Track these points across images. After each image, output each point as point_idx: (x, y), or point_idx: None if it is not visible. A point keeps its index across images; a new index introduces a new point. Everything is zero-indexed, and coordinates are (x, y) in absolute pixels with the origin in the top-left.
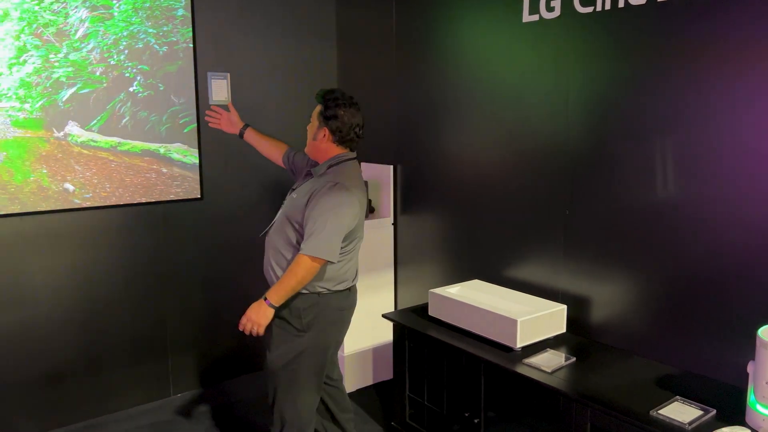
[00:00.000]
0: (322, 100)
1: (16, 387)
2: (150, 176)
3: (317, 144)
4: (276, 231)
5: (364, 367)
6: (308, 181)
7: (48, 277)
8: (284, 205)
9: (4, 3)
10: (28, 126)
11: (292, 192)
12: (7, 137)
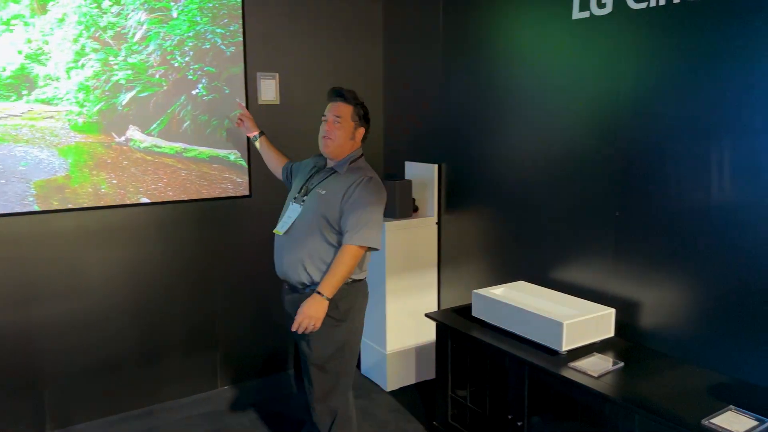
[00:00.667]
0: (354, 101)
1: (76, 374)
2: (203, 176)
3: (352, 143)
4: (305, 229)
5: (406, 365)
6: (330, 178)
7: (105, 270)
8: (310, 204)
9: (63, 8)
10: (88, 130)
11: (312, 189)
12: (69, 143)
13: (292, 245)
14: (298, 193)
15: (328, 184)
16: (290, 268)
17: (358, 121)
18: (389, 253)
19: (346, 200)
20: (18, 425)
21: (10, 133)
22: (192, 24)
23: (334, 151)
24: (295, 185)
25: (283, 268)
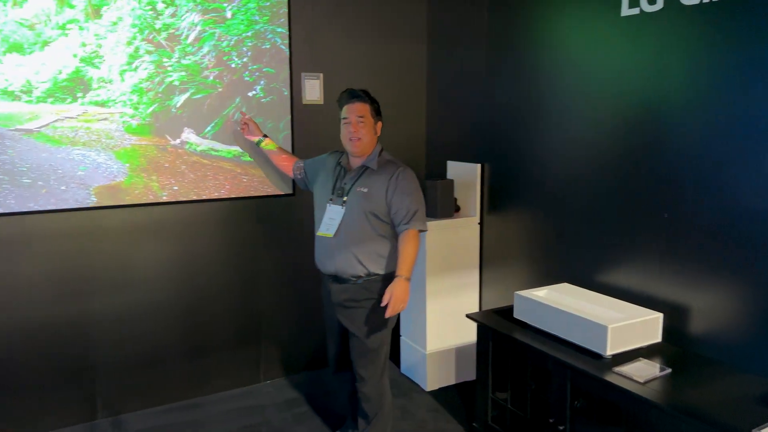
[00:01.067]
0: (369, 99)
1: (125, 365)
2: (254, 177)
3: (375, 137)
4: (355, 227)
5: (446, 366)
6: (365, 175)
7: (154, 265)
8: (353, 203)
9: (117, 11)
10: (142, 132)
11: (348, 190)
12: (125, 145)
13: (343, 244)
14: (333, 194)
15: (367, 182)
16: (345, 265)
17: (376, 116)
18: (430, 252)
19: (391, 193)
20: (72, 411)
21: (67, 135)
22: (250, 23)
23: (363, 149)
24: (323, 186)
25: (335, 265)
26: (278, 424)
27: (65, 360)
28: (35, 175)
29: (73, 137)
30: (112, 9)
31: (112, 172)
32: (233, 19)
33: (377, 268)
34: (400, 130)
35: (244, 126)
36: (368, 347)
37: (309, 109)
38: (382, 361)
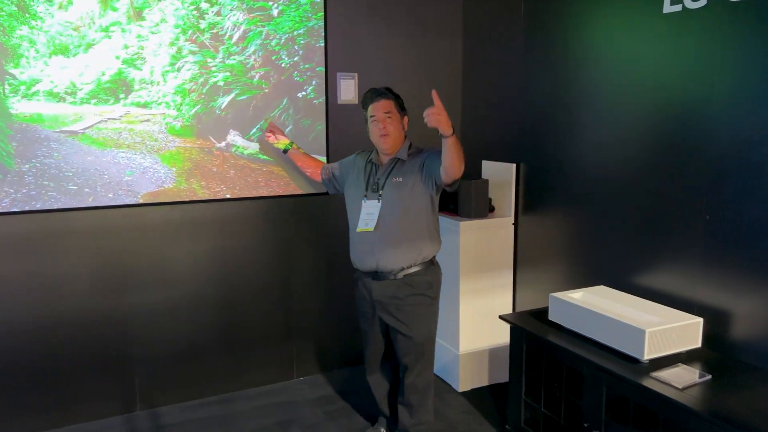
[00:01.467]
0: (393, 95)
1: (163, 359)
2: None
3: (403, 132)
4: (394, 217)
5: (479, 367)
6: (397, 167)
7: (192, 262)
8: (389, 194)
9: (160, 12)
10: (185, 134)
11: (383, 184)
12: (169, 148)
13: (384, 237)
14: (367, 190)
15: (400, 172)
16: (386, 258)
17: (401, 111)
18: (463, 252)
19: (428, 158)
20: (112, 403)
21: (111, 137)
22: (302, 21)
23: (393, 144)
24: (355, 185)
25: (376, 260)
26: (310, 420)
27: (106, 352)
28: (81, 180)
29: (117, 139)
30: (155, 11)
31: (159, 177)
32: (282, 16)
33: (418, 259)
34: (434, 129)
35: (269, 134)
36: (415, 342)
37: (344, 108)
38: (430, 353)
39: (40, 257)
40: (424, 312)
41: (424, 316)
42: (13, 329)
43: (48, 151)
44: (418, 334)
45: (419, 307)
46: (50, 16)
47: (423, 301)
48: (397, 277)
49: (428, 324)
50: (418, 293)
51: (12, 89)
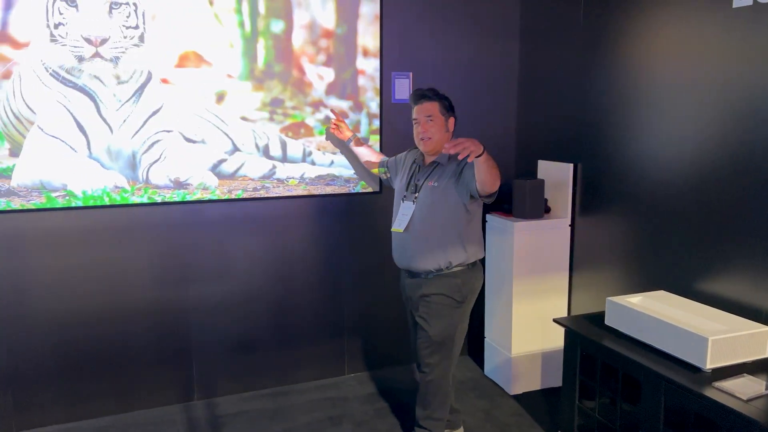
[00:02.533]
0: (438, 97)
1: (220, 350)
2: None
3: (447, 135)
4: (426, 222)
5: (532, 370)
6: (436, 170)
7: (247, 257)
8: (424, 198)
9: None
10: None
11: (420, 186)
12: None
13: (414, 240)
14: (407, 191)
15: (437, 176)
16: (416, 260)
17: (447, 113)
18: (517, 253)
19: (465, 169)
20: (172, 391)
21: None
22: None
23: (434, 147)
24: (399, 183)
25: (407, 261)
26: (360, 417)
27: (167, 342)
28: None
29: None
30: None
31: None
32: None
33: (447, 263)
34: (490, 128)
35: (334, 126)
36: (431, 337)
37: (398, 108)
38: (448, 355)
39: (107, 249)
40: (446, 312)
41: (446, 316)
42: (82, 317)
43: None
44: (436, 331)
45: (443, 307)
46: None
47: (448, 302)
48: (428, 277)
49: (449, 324)
50: (445, 294)
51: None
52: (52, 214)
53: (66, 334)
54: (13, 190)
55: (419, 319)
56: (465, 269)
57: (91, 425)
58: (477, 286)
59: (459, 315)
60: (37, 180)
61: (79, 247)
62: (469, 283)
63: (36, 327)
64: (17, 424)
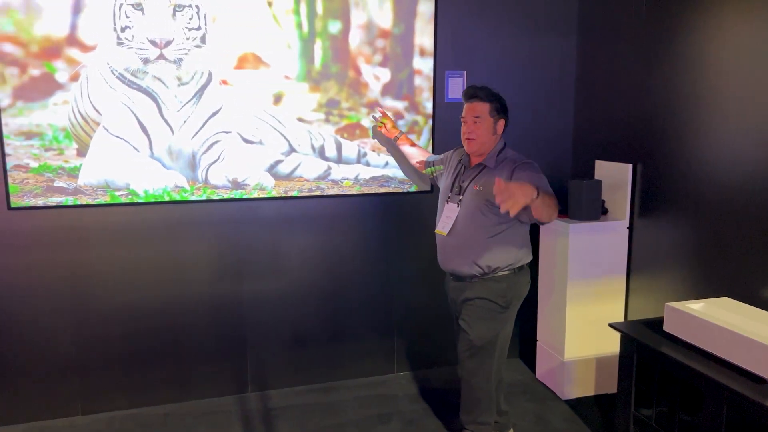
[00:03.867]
0: (489, 98)
1: (273, 345)
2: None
3: (494, 137)
4: (469, 226)
5: (585, 375)
6: (483, 173)
7: (300, 254)
8: (468, 202)
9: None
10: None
11: (465, 187)
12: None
13: (458, 243)
14: (451, 191)
15: (483, 180)
16: (459, 264)
17: (497, 114)
18: (573, 256)
19: (516, 180)
20: (227, 383)
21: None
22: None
23: (478, 149)
24: (444, 183)
25: (451, 264)
26: (409, 415)
27: (222, 335)
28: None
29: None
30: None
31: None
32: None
33: (491, 268)
34: (545, 127)
35: (381, 124)
36: (471, 340)
37: (451, 107)
38: (489, 360)
39: (167, 244)
40: (489, 316)
41: (488, 320)
42: (144, 309)
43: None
44: (477, 335)
45: (485, 311)
46: None
47: (491, 306)
48: (471, 281)
49: (490, 328)
50: (488, 298)
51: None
52: (116, 210)
53: (129, 325)
54: (80, 189)
55: (462, 323)
56: (510, 274)
57: (151, 412)
58: (523, 291)
59: (502, 320)
60: (102, 179)
61: (141, 242)
62: (514, 288)
63: (102, 317)
64: (83, 408)
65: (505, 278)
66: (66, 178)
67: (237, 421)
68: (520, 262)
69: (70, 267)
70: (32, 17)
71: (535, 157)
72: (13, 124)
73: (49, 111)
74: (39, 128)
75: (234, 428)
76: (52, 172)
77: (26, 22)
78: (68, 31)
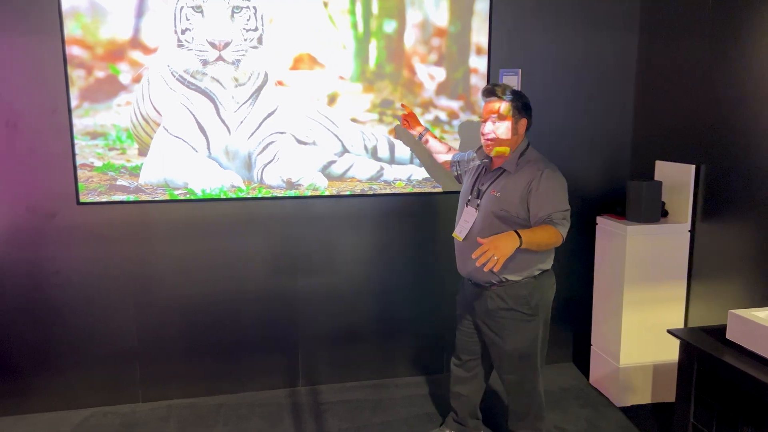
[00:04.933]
0: (510, 96)
1: (324, 340)
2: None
3: (515, 137)
4: (484, 233)
5: (642, 383)
6: (502, 177)
7: (351, 251)
8: (485, 206)
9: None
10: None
11: (482, 192)
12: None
13: (474, 249)
14: (470, 194)
15: (501, 185)
16: (477, 270)
17: (518, 114)
18: (630, 259)
19: (532, 196)
20: (279, 376)
21: None
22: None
23: (509, 145)
24: (465, 185)
25: (468, 269)
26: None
27: (275, 330)
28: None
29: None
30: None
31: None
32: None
33: (509, 275)
34: (603, 127)
35: (405, 121)
36: (509, 354)
37: None
38: (532, 369)
39: (224, 240)
40: (518, 326)
41: (520, 330)
42: (201, 302)
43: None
44: (512, 346)
45: (513, 322)
46: None
47: (517, 316)
48: (490, 288)
49: (524, 338)
50: (511, 308)
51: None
52: (177, 206)
53: (188, 317)
54: (141, 188)
55: (491, 334)
56: (530, 280)
57: (207, 402)
58: (548, 295)
59: (533, 327)
60: (162, 178)
61: (200, 238)
62: (536, 294)
63: (163, 309)
64: (143, 395)
65: (524, 285)
66: (128, 176)
67: (287, 414)
68: (539, 268)
69: (134, 260)
70: (98, 21)
71: (593, 156)
72: (79, 125)
73: (112, 112)
74: (103, 128)
75: (285, 421)
76: (115, 170)
77: (92, 25)
78: (131, 34)
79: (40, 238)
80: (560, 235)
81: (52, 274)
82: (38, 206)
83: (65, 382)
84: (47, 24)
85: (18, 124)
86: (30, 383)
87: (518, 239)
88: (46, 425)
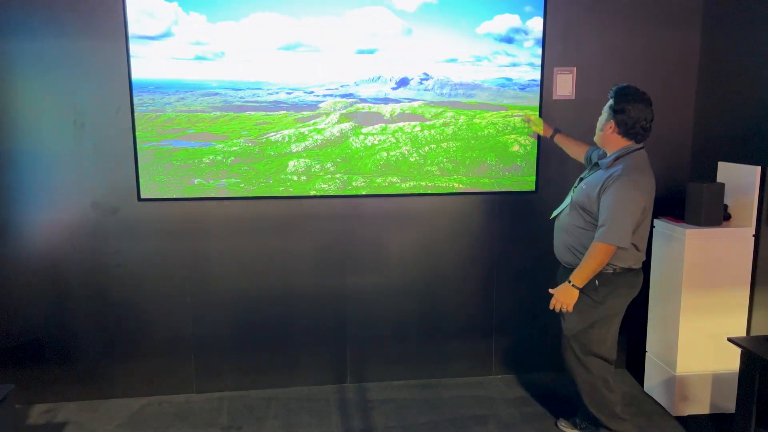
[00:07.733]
0: (614, 95)
1: (372, 338)
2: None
3: (604, 135)
4: (566, 215)
5: (701, 392)
6: (596, 173)
7: (401, 250)
8: (574, 193)
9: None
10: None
11: (581, 182)
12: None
13: (561, 230)
14: (576, 183)
15: (592, 179)
16: (556, 249)
17: (608, 113)
18: (689, 263)
19: (602, 193)
20: (327, 372)
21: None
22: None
23: (597, 141)
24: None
25: (556, 248)
26: (506, 419)
27: (324, 326)
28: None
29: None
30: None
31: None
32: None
33: (577, 261)
34: (662, 126)
35: (527, 122)
36: (564, 332)
37: (560, 104)
38: (583, 355)
39: (277, 237)
40: (580, 308)
41: (580, 312)
42: (255, 297)
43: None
44: (568, 325)
45: (579, 303)
46: None
47: (584, 298)
48: (572, 268)
49: (581, 320)
50: (584, 291)
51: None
52: (233, 204)
53: (241, 312)
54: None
55: (559, 313)
56: (607, 274)
57: (258, 395)
58: (622, 291)
59: (595, 315)
60: None
61: (253, 234)
62: (609, 285)
63: (217, 303)
64: (197, 386)
65: (599, 275)
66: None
67: (335, 410)
68: (613, 265)
69: (191, 255)
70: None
71: (650, 156)
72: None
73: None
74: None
75: (332, 417)
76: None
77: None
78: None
79: (104, 233)
80: (599, 247)
81: (114, 267)
82: (102, 202)
83: (125, 371)
84: (111, 25)
85: (85, 123)
86: (92, 371)
87: (572, 286)
88: (105, 411)
